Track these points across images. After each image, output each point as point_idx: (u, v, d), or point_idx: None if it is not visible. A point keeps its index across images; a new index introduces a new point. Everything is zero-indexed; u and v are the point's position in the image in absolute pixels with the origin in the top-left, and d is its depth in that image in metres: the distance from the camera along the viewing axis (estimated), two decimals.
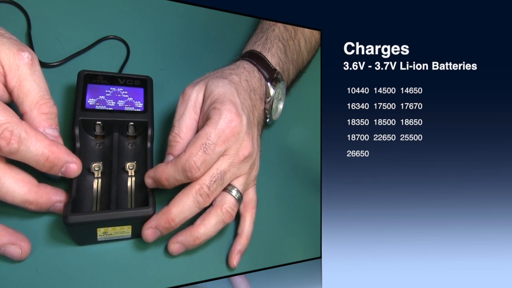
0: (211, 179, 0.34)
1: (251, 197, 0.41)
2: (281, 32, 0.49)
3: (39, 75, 0.32)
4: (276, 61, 0.46)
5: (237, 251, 0.39)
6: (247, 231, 0.40)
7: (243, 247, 0.40)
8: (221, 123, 0.34)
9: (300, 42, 0.52)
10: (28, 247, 0.31)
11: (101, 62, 0.45)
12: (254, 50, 0.45)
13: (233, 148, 0.35)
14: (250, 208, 0.41)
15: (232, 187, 0.37)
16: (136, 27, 0.49)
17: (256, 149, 0.39)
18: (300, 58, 0.52)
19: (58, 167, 0.31)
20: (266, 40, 0.47)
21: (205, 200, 0.34)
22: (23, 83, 0.31)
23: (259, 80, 0.44)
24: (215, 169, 0.35)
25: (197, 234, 0.35)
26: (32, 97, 0.31)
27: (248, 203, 0.41)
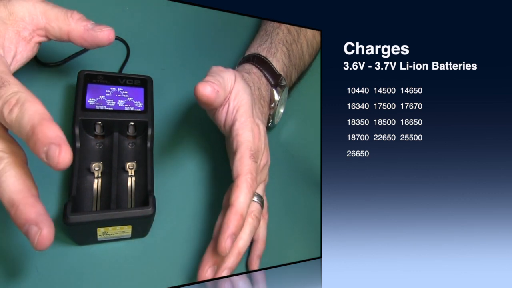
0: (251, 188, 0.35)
1: (265, 204, 0.42)
2: (285, 35, 0.49)
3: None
4: (280, 66, 0.46)
5: (256, 257, 0.40)
6: (262, 236, 0.41)
7: (261, 251, 0.41)
8: (252, 137, 0.35)
9: (303, 46, 0.52)
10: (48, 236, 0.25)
11: (101, 62, 0.45)
12: (259, 54, 0.46)
13: (261, 159, 0.37)
14: (264, 213, 0.42)
15: (255, 194, 0.38)
16: (136, 27, 0.50)
17: (269, 157, 0.41)
18: (302, 62, 0.52)
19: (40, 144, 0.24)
20: (271, 44, 0.47)
21: (248, 210, 0.35)
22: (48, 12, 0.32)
23: (266, 86, 0.44)
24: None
25: (238, 249, 0.36)
26: (62, 15, 0.33)
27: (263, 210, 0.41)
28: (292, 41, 0.50)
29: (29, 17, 0.32)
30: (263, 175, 0.39)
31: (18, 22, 0.31)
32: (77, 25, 0.33)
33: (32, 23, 0.32)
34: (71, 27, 0.33)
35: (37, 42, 0.33)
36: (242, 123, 0.36)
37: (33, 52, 0.33)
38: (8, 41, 0.31)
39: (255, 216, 0.37)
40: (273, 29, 0.49)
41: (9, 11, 0.31)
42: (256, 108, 0.39)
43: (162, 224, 0.38)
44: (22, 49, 0.32)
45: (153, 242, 0.38)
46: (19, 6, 0.31)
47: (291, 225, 0.46)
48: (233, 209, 0.33)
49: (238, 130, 0.35)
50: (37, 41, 0.33)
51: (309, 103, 0.54)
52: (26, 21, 0.32)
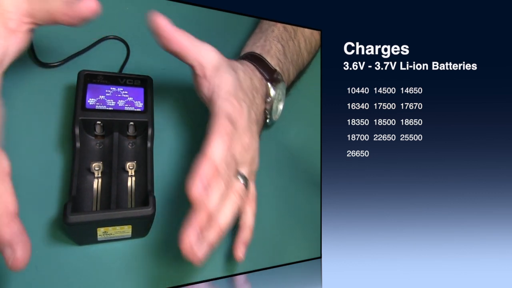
0: (227, 164, 0.34)
1: (251, 191, 0.41)
2: (280, 32, 0.49)
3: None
4: (275, 62, 0.46)
5: (241, 243, 0.38)
6: (249, 222, 0.39)
7: (247, 238, 0.39)
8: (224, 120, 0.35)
9: (300, 43, 0.52)
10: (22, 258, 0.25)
11: (101, 62, 0.45)
12: (253, 52, 0.46)
13: (237, 137, 0.36)
14: (251, 201, 0.40)
15: (239, 173, 0.37)
16: (136, 27, 0.49)
17: (255, 142, 0.39)
18: (300, 59, 0.52)
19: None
20: (265, 41, 0.47)
21: (226, 185, 0.34)
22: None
23: (261, 80, 0.44)
24: (229, 155, 0.34)
25: (219, 223, 0.33)
26: None
27: (249, 196, 0.40)
28: (289, 38, 0.50)
29: (12, 5, 0.31)
30: (246, 155, 0.38)
31: (2, 14, 0.31)
32: (57, 2, 0.32)
33: (17, 12, 0.31)
34: (52, 6, 0.32)
35: (25, 31, 0.32)
36: (222, 97, 0.36)
37: (23, 42, 0.33)
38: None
39: (238, 193, 0.35)
40: (268, 27, 0.49)
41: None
42: (243, 94, 0.39)
43: (162, 224, 0.38)
44: (12, 42, 0.31)
45: (153, 242, 0.38)
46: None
47: (291, 225, 0.46)
48: (204, 156, 0.31)
49: (216, 100, 0.36)
50: (25, 29, 0.32)
51: (309, 103, 0.54)
52: (10, 11, 0.31)
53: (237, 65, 0.42)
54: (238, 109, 0.37)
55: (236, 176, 0.36)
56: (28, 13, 0.32)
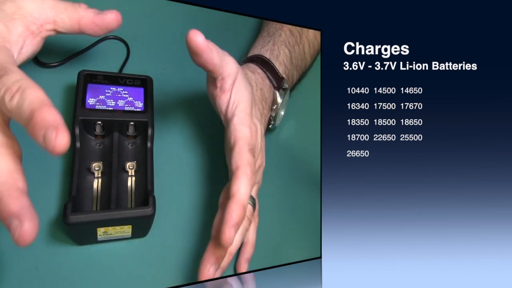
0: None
1: (256, 207, 0.42)
2: (287, 37, 0.49)
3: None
4: (283, 69, 0.46)
5: (245, 260, 0.40)
6: (252, 239, 0.41)
7: (250, 255, 0.40)
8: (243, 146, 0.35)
9: (305, 47, 0.52)
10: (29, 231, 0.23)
11: (101, 62, 0.45)
12: (262, 56, 0.46)
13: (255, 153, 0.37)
14: (255, 217, 0.41)
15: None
16: (136, 27, 0.50)
17: (264, 160, 0.41)
18: (303, 63, 0.52)
19: (39, 128, 0.24)
20: (273, 45, 0.47)
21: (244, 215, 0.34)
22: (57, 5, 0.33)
23: (269, 88, 0.44)
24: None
25: (230, 250, 0.36)
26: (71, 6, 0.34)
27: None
28: (295, 42, 0.50)
29: (37, 11, 0.32)
30: (258, 176, 0.39)
31: (26, 17, 0.32)
32: (87, 12, 0.34)
33: (40, 17, 0.32)
34: (81, 15, 0.34)
35: (44, 37, 0.34)
36: (240, 119, 0.36)
37: (38, 46, 0.34)
38: (16, 35, 0.31)
39: (247, 217, 0.37)
40: (275, 31, 0.49)
41: (18, 6, 0.32)
42: (255, 109, 0.39)
43: (162, 224, 0.38)
44: (29, 42, 0.32)
45: (153, 242, 0.38)
46: (28, 1, 0.32)
47: (291, 225, 0.46)
48: (234, 199, 0.32)
49: (236, 125, 0.36)
50: (45, 35, 0.34)
51: (309, 103, 0.54)
52: (35, 16, 0.32)
53: (251, 76, 0.42)
54: (255, 132, 0.36)
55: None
56: (52, 21, 0.33)
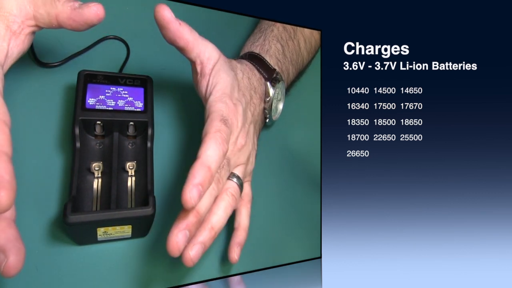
0: (220, 166, 0.34)
1: (247, 192, 0.41)
2: (280, 32, 0.49)
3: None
4: (274, 61, 0.46)
5: (236, 244, 0.38)
6: (244, 223, 0.39)
7: (242, 239, 0.38)
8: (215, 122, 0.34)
9: (300, 43, 0.52)
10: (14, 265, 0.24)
11: (101, 62, 0.45)
12: (252, 52, 0.46)
13: (232, 138, 0.36)
14: (246, 202, 0.40)
15: (233, 174, 0.37)
16: (136, 27, 0.50)
17: (251, 143, 0.39)
18: (300, 59, 0.52)
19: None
20: (264, 41, 0.47)
21: (217, 186, 0.34)
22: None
23: (259, 79, 0.44)
24: None
25: (211, 224, 0.33)
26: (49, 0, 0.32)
27: (244, 197, 0.40)
28: (288, 37, 0.50)
29: (17, 8, 0.31)
30: (241, 156, 0.38)
31: (6, 17, 0.31)
32: (64, 7, 0.32)
33: (20, 14, 0.31)
34: (58, 10, 0.32)
35: (27, 34, 0.32)
36: (216, 97, 0.36)
37: (24, 45, 0.33)
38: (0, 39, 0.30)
39: (231, 193, 0.35)
40: (267, 27, 0.49)
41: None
42: (239, 94, 0.39)
43: (162, 224, 0.38)
44: (13, 44, 0.31)
45: (153, 242, 0.38)
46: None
47: (291, 225, 0.46)
48: (199, 160, 0.31)
49: (211, 101, 0.36)
50: (27, 32, 0.32)
51: (309, 103, 0.54)
52: (15, 14, 0.31)
53: (236, 64, 0.42)
54: (233, 109, 0.36)
55: (230, 177, 0.37)
56: (33, 16, 0.32)
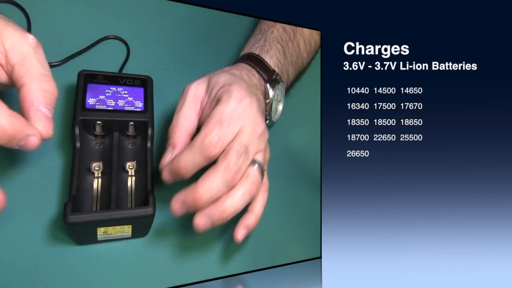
0: (237, 153, 0.33)
1: (264, 181, 0.39)
2: (279, 33, 0.49)
3: (43, 57, 0.30)
4: (274, 62, 0.46)
5: (244, 225, 0.36)
6: (257, 209, 0.37)
7: (251, 223, 0.37)
8: (232, 101, 0.34)
9: (300, 44, 0.52)
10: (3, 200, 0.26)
11: (101, 62, 0.45)
12: (252, 53, 0.46)
13: (248, 124, 0.35)
14: (263, 191, 0.39)
15: (254, 161, 0.35)
16: (136, 27, 0.50)
17: (266, 132, 0.38)
18: (299, 60, 0.52)
19: (17, 141, 0.27)
20: (264, 42, 0.47)
21: (234, 176, 0.33)
22: (26, 59, 0.29)
23: (259, 80, 0.44)
24: (238, 144, 0.33)
25: (224, 206, 0.33)
26: (35, 71, 0.29)
27: (262, 185, 0.39)
28: (288, 39, 0.50)
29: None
30: (260, 143, 0.36)
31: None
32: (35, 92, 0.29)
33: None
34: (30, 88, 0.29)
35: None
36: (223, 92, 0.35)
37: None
38: None
39: (251, 180, 0.34)
40: (267, 28, 0.49)
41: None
42: (244, 84, 0.38)
43: (162, 224, 0.38)
44: None
45: (153, 242, 0.38)
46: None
47: (291, 225, 0.46)
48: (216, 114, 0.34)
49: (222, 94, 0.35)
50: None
51: (309, 103, 0.54)
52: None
53: (228, 69, 0.42)
54: (249, 94, 0.35)
55: (251, 164, 0.35)
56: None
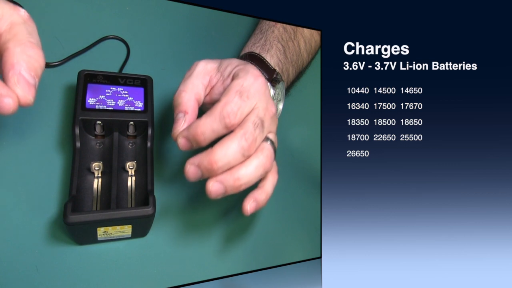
0: (254, 124, 0.34)
1: (274, 163, 0.39)
2: (280, 33, 0.49)
3: (34, 29, 0.28)
4: (275, 62, 0.46)
5: (254, 198, 0.36)
6: (267, 187, 0.37)
7: (261, 199, 0.36)
8: (249, 77, 0.35)
9: (300, 43, 0.52)
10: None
11: (101, 62, 0.45)
12: (252, 52, 0.46)
13: (263, 102, 0.35)
14: (274, 172, 0.39)
15: (267, 138, 0.36)
16: (136, 27, 0.50)
17: (276, 118, 0.39)
18: (300, 59, 0.52)
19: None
20: (265, 41, 0.47)
21: (250, 146, 0.33)
22: (14, 27, 0.27)
23: None
24: (255, 116, 0.34)
25: (238, 174, 0.33)
26: (20, 37, 0.27)
27: (273, 167, 0.39)
28: (288, 38, 0.50)
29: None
30: (272, 124, 0.37)
31: None
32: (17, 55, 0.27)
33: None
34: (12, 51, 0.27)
35: None
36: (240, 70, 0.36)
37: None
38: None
39: (266, 154, 0.35)
40: (268, 27, 0.49)
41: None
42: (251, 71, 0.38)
43: (162, 224, 0.38)
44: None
45: (153, 242, 0.38)
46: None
47: (291, 225, 0.46)
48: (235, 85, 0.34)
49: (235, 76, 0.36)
50: None
51: (309, 103, 0.55)
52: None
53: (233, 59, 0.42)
54: (261, 78, 0.36)
55: (265, 140, 0.36)
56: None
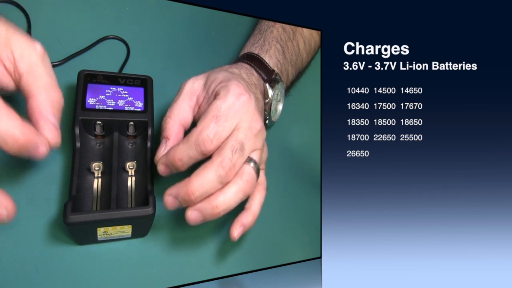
0: (232, 150, 0.33)
1: (262, 179, 0.39)
2: (279, 33, 0.49)
3: (50, 66, 0.31)
4: (274, 62, 0.46)
5: (240, 223, 0.36)
6: (254, 208, 0.37)
7: (248, 221, 0.36)
8: (230, 96, 0.34)
9: (299, 43, 0.52)
10: (13, 208, 0.27)
11: (101, 62, 0.45)
12: (251, 53, 0.46)
13: (245, 121, 0.34)
14: (261, 189, 0.39)
15: (250, 159, 0.35)
16: (136, 27, 0.50)
17: (264, 131, 0.38)
18: (299, 59, 0.52)
19: (27, 150, 0.27)
20: (264, 42, 0.47)
21: (228, 173, 0.32)
22: (34, 68, 0.30)
23: (258, 79, 0.44)
24: (233, 140, 0.33)
25: (216, 202, 0.33)
26: (43, 81, 0.30)
27: (259, 184, 0.39)
28: (287, 39, 0.50)
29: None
30: (257, 141, 0.36)
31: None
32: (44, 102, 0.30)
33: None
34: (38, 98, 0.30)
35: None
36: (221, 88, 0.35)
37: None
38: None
39: (245, 179, 0.34)
40: (267, 28, 0.49)
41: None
42: (243, 82, 0.38)
43: (162, 224, 0.38)
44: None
45: (153, 242, 0.38)
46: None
47: (291, 225, 0.46)
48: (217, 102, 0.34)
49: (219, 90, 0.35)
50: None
51: (309, 103, 0.54)
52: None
53: (227, 67, 0.41)
54: (247, 91, 0.35)
55: (247, 161, 0.35)
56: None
